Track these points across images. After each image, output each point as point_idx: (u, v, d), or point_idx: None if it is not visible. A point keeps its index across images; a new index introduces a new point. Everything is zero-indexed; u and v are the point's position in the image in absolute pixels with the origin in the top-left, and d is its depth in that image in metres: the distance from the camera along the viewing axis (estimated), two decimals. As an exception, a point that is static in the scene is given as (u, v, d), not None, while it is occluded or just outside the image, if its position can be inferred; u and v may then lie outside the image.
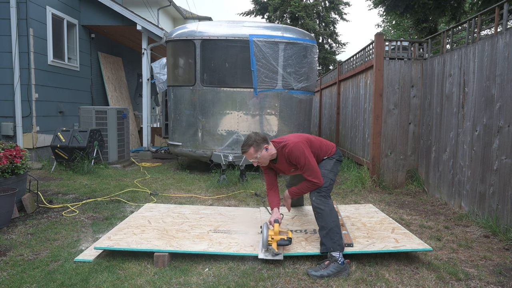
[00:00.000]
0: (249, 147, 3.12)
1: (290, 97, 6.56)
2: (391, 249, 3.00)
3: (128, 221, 3.70)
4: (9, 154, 4.04)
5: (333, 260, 2.80)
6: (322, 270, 2.76)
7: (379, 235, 3.33)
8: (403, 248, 3.01)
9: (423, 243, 3.10)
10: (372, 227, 3.55)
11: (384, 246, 3.06)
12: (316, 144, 3.30)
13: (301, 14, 16.84)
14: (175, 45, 6.86)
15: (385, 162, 5.76)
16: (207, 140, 6.60)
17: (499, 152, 3.79)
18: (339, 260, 2.80)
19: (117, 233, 3.31)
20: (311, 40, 6.74)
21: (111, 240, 3.15)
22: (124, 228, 3.45)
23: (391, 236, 3.28)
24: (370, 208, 4.22)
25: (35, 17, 7.31)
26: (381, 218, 3.82)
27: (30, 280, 2.65)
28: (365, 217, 3.87)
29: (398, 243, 3.12)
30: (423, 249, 3.00)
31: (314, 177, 3.08)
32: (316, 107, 11.59)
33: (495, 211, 3.81)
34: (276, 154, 3.21)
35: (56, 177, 6.19)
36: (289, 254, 3.01)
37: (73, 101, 8.62)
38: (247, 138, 3.16)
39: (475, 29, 4.41)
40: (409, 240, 3.16)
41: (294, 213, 4.07)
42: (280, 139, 3.27)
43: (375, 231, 3.43)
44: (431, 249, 3.01)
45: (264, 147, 3.14)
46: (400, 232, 3.38)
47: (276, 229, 3.04)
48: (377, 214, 3.98)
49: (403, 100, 5.71)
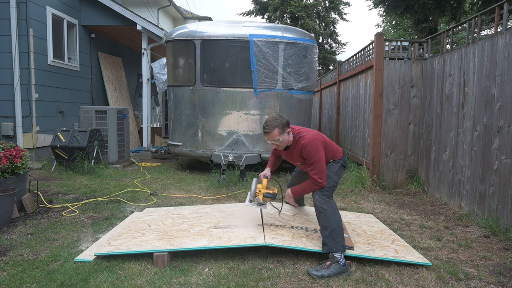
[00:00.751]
0: (273, 128, 3.03)
1: (290, 97, 6.56)
2: (391, 258, 2.98)
3: (128, 226, 3.66)
4: (9, 154, 4.04)
5: (334, 261, 2.80)
6: (323, 270, 2.76)
7: (380, 244, 3.30)
8: (403, 259, 2.99)
9: (422, 257, 3.07)
10: (372, 235, 3.53)
11: (384, 254, 3.04)
12: (329, 147, 3.28)
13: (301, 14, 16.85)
14: (175, 45, 6.86)
15: (385, 162, 5.76)
16: (207, 140, 6.60)
17: (499, 152, 3.79)
18: (340, 261, 2.79)
19: (117, 239, 3.29)
20: (311, 40, 6.74)
21: (111, 245, 3.12)
22: (124, 234, 3.42)
23: (391, 247, 3.26)
24: (371, 218, 4.20)
25: (35, 17, 7.31)
26: (381, 229, 3.79)
27: (30, 280, 2.65)
28: (366, 225, 3.85)
29: (398, 253, 3.10)
30: (422, 263, 2.97)
31: (319, 177, 3.05)
32: (316, 107, 11.58)
33: (495, 211, 3.81)
34: (291, 142, 3.19)
35: (56, 177, 6.19)
36: (290, 247, 3.01)
37: (73, 101, 8.62)
38: (271, 118, 3.05)
39: (475, 29, 4.41)
40: (408, 253, 3.14)
41: (295, 211, 4.07)
42: (299, 128, 3.22)
43: (376, 239, 3.41)
44: (430, 263, 2.98)
45: (287, 131, 3.09)
46: (400, 244, 3.35)
47: (264, 183, 3.25)
48: (377, 225, 3.95)
49: (403, 100, 5.71)
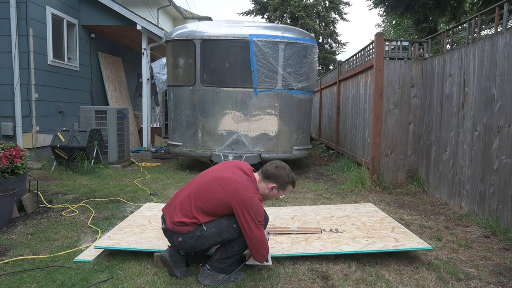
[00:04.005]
0: None
1: (290, 97, 6.56)
2: (391, 249, 3.00)
3: (129, 220, 3.70)
4: (9, 154, 4.04)
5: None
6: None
7: (379, 234, 3.33)
8: (403, 247, 3.01)
9: (423, 242, 3.10)
10: (372, 226, 3.55)
11: (384, 246, 3.06)
12: None
13: (301, 14, 16.84)
14: (175, 45, 6.85)
15: (385, 162, 5.76)
16: (207, 140, 6.60)
17: (499, 152, 3.78)
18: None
19: (117, 232, 3.31)
20: (311, 40, 6.74)
21: (111, 239, 3.15)
22: (125, 227, 3.46)
23: (391, 235, 3.29)
24: (370, 208, 4.22)
25: (35, 17, 7.31)
26: (381, 217, 3.82)
27: (30, 280, 2.65)
28: (365, 216, 3.87)
29: (398, 242, 3.12)
30: (423, 248, 3.00)
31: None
32: (316, 107, 11.58)
33: (495, 211, 3.81)
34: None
35: (56, 177, 6.19)
36: (290, 254, 3.01)
37: (73, 101, 8.61)
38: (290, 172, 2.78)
39: (475, 29, 4.41)
40: (409, 239, 3.16)
41: (294, 213, 4.07)
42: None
43: (375, 230, 3.44)
44: (431, 247, 3.01)
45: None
46: (400, 231, 3.38)
47: None
48: (377, 213, 3.98)
49: (403, 100, 5.71)
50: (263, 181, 2.71)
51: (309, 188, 5.79)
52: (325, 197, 5.23)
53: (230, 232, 2.59)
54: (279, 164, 2.75)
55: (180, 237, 2.58)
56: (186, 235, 2.57)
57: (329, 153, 9.28)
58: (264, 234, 2.59)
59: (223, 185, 2.57)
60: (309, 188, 5.79)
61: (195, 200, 2.59)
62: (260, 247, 2.54)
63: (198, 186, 2.65)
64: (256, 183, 2.67)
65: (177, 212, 2.60)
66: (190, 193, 2.63)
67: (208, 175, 2.72)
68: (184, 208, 2.59)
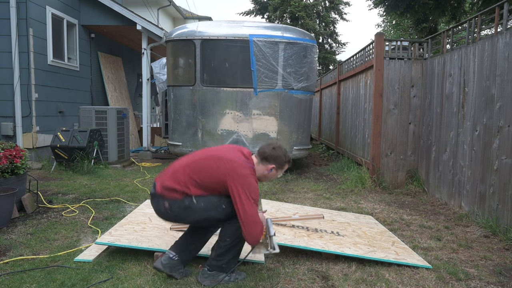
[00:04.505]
0: None
1: (290, 97, 6.56)
2: (392, 260, 2.98)
3: (129, 217, 3.72)
4: (9, 154, 4.04)
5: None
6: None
7: (380, 245, 3.30)
8: (404, 261, 2.99)
9: (422, 260, 3.07)
10: (372, 236, 3.53)
11: (385, 256, 3.04)
12: None
13: (301, 14, 16.84)
14: (175, 45, 6.85)
15: (385, 162, 5.76)
16: (207, 140, 6.60)
17: (499, 152, 3.78)
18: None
19: (118, 229, 3.33)
20: (311, 40, 6.74)
21: (112, 235, 3.16)
22: (125, 224, 3.47)
23: (391, 248, 3.26)
24: (370, 219, 4.19)
25: (35, 17, 7.30)
26: (381, 230, 3.78)
27: (30, 280, 2.65)
28: (366, 226, 3.84)
29: (398, 255, 3.10)
30: (423, 266, 2.97)
31: None
32: (316, 107, 11.58)
33: (495, 211, 3.81)
34: None
35: (56, 177, 6.19)
36: (293, 246, 3.02)
37: (73, 101, 8.61)
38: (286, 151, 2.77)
39: (475, 29, 4.41)
40: (409, 255, 3.14)
41: (295, 210, 4.08)
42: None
43: (376, 241, 3.41)
44: (430, 266, 2.97)
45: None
46: (400, 247, 3.34)
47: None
48: (377, 226, 3.94)
49: (403, 100, 5.71)
50: (261, 163, 2.68)
51: (309, 188, 5.79)
52: (325, 197, 5.23)
53: (217, 212, 2.55)
54: (275, 145, 2.74)
55: (167, 203, 2.55)
56: (173, 202, 2.54)
57: (329, 153, 9.28)
58: (258, 213, 2.55)
59: (220, 163, 2.55)
60: (309, 188, 5.79)
61: (190, 172, 2.57)
62: (251, 227, 2.46)
63: (195, 161, 2.64)
64: (254, 165, 2.66)
65: (170, 178, 2.59)
66: (186, 165, 2.62)
67: (205, 153, 2.71)
68: (177, 176, 2.58)
